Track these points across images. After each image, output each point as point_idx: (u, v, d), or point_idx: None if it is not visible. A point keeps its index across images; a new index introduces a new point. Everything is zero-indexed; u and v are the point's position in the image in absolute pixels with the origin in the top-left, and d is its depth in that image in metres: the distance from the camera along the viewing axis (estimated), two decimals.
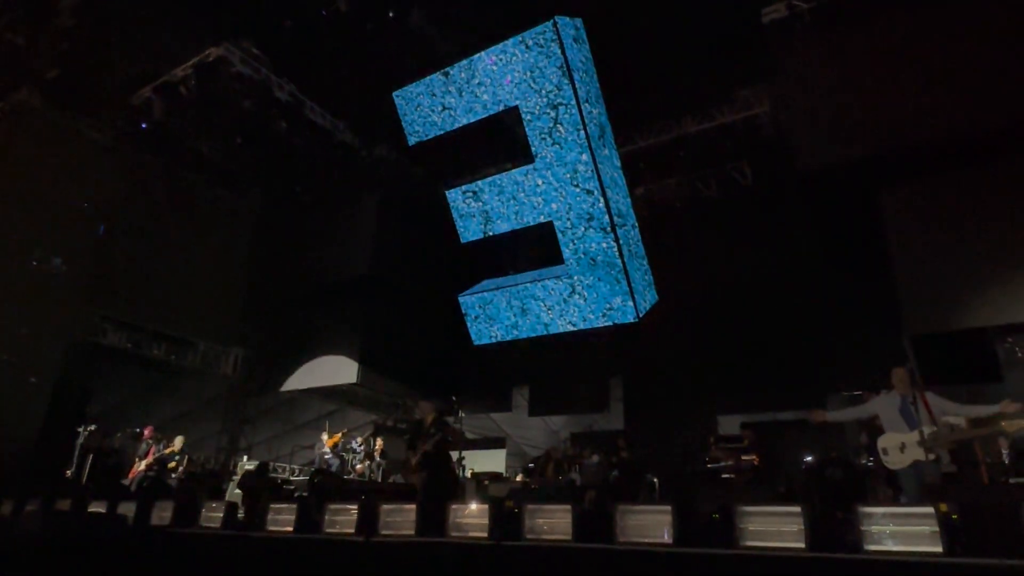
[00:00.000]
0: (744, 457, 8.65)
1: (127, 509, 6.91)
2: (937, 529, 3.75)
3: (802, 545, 4.05)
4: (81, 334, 11.29)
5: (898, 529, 3.90)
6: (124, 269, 11.77)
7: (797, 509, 4.20)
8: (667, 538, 4.50)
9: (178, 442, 10.10)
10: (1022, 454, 7.14)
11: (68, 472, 9.68)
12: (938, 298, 8.65)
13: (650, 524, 4.66)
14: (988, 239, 8.42)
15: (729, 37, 9.68)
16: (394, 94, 9.43)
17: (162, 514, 6.96)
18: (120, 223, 11.74)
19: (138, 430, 10.43)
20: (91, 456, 9.71)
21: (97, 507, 7.12)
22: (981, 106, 8.08)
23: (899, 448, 5.63)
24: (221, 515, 6.67)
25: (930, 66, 8.31)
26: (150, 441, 10.10)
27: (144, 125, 11.38)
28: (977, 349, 8.91)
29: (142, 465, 9.76)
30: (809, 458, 8.56)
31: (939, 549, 3.71)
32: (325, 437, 11.39)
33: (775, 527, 4.22)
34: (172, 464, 9.88)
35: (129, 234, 11.92)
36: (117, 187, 11.55)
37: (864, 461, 7.49)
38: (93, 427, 9.94)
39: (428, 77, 9.27)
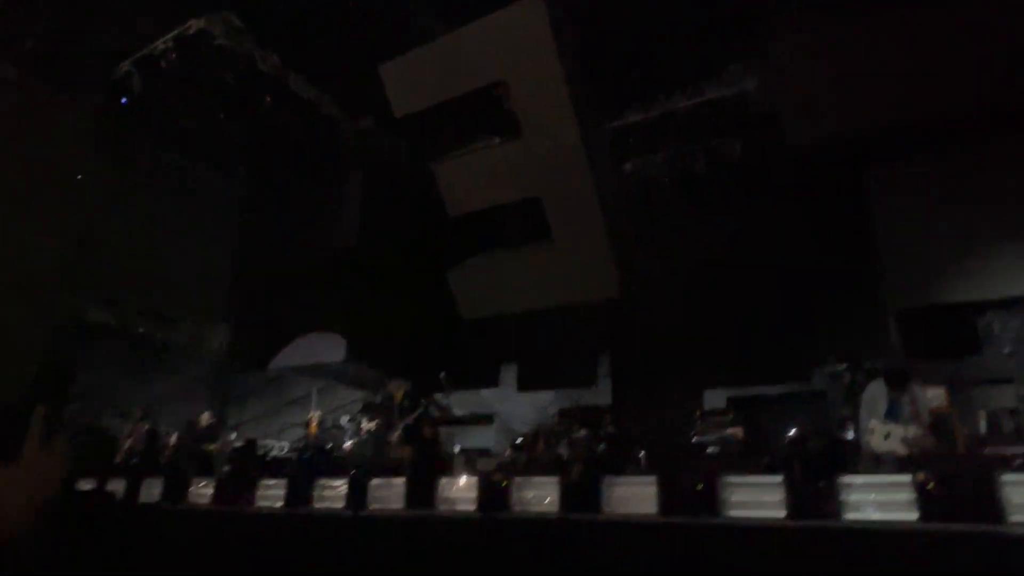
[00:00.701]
0: (729, 430, 8.76)
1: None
2: (914, 497, 3.85)
3: (783, 514, 4.16)
4: (64, 311, 11.17)
5: (877, 498, 4.00)
6: (108, 245, 11.61)
7: (779, 479, 4.30)
8: (652, 509, 4.60)
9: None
10: (997, 425, 7.29)
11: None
12: (920, 273, 8.76)
13: (636, 496, 4.75)
14: (969, 216, 8.53)
15: (720, 12, 9.59)
16: (380, 67, 9.29)
17: (151, 491, 6.99)
18: (103, 199, 11.55)
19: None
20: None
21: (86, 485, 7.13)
22: (967, 86, 8.12)
23: (884, 435, 5.86)
24: (210, 492, 6.72)
25: (919, 45, 8.30)
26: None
27: (124, 100, 11.14)
28: (957, 323, 9.06)
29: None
30: (793, 431, 8.69)
31: (915, 516, 3.82)
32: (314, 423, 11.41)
33: (758, 497, 4.32)
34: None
35: (112, 210, 11.73)
36: (99, 162, 11.35)
37: (846, 434, 7.62)
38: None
39: (415, 49, 9.14)
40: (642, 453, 8.78)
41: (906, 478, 3.95)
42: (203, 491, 6.83)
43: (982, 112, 8.28)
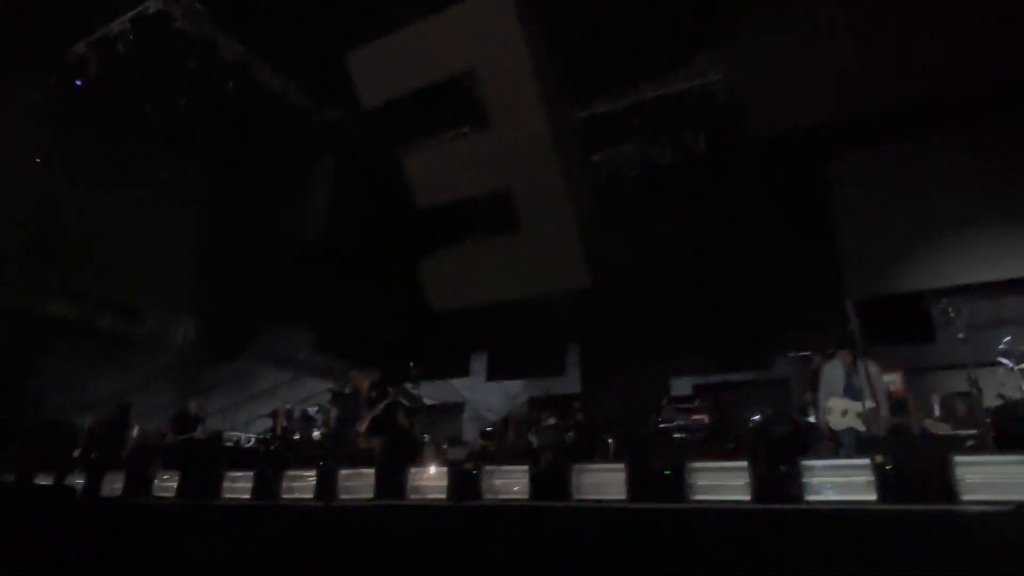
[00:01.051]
0: (695, 416, 8.94)
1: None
2: (872, 479, 3.99)
3: (748, 497, 4.27)
4: (23, 304, 10.81)
5: (836, 480, 4.13)
6: (66, 236, 11.25)
7: (743, 464, 4.41)
8: (621, 495, 4.67)
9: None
10: (951, 409, 7.58)
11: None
12: (878, 262, 9.01)
13: (605, 482, 4.82)
14: (925, 206, 8.79)
15: (686, 2, 9.66)
16: (347, 55, 9.14)
17: (113, 485, 6.85)
18: (60, 187, 11.17)
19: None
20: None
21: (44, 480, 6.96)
22: (926, 78, 8.33)
23: (841, 412, 6.08)
24: (175, 485, 6.61)
25: (881, 36, 8.48)
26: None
27: (79, 83, 10.77)
28: (913, 311, 9.36)
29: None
30: (757, 416, 8.91)
31: (874, 497, 3.96)
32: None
33: (723, 482, 4.42)
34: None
35: (71, 198, 11.35)
36: (55, 149, 10.97)
37: (808, 418, 7.84)
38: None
39: (383, 37, 9.00)
40: (610, 440, 8.92)
41: (864, 461, 4.09)
42: (167, 484, 6.72)
43: (940, 103, 8.52)
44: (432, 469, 5.52)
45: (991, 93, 8.20)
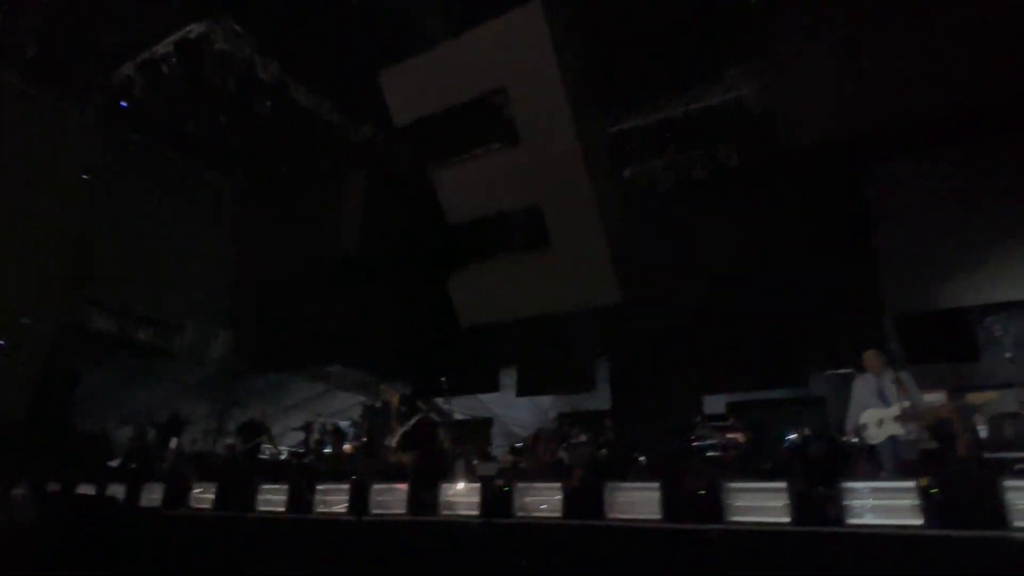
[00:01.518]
0: (730, 435, 8.78)
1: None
2: (918, 503, 3.87)
3: (787, 520, 4.16)
4: (67, 318, 11.16)
5: (879, 503, 4.01)
6: (109, 252, 11.61)
7: (782, 485, 4.31)
8: (656, 514, 4.60)
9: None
10: (999, 429, 7.32)
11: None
12: (919, 277, 8.78)
13: (638, 501, 4.76)
14: (968, 220, 8.55)
15: (717, 16, 9.63)
16: (380, 73, 9.31)
17: (151, 496, 6.99)
18: (105, 204, 11.55)
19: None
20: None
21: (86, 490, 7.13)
22: (967, 86, 8.14)
23: (877, 423, 5.87)
24: (212, 496, 6.71)
25: (917, 45, 8.33)
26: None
27: (125, 104, 11.16)
28: (956, 328, 9.08)
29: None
30: (793, 435, 8.72)
31: (919, 522, 3.83)
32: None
33: (760, 503, 4.33)
34: None
35: (114, 215, 11.73)
36: (100, 167, 11.36)
37: (846, 438, 7.64)
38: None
39: (415, 56, 9.15)
40: (643, 458, 8.81)
41: (910, 483, 3.96)
42: (204, 496, 6.82)
43: (981, 112, 8.31)
44: (464, 485, 5.52)
45: None
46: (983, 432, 7.46)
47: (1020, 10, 7.68)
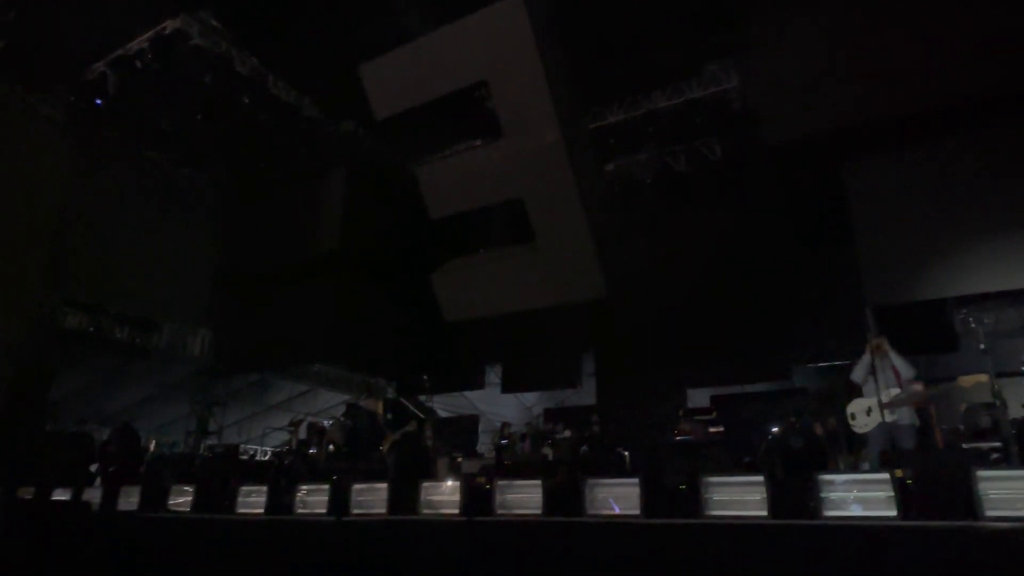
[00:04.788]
0: (712, 429, 8.82)
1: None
2: (893, 494, 3.88)
3: (764, 513, 4.17)
4: (41, 318, 10.97)
5: (856, 495, 4.02)
6: (84, 250, 11.42)
7: (760, 478, 4.31)
8: (635, 509, 4.59)
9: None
10: (976, 420, 7.39)
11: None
12: (898, 270, 8.84)
13: (619, 496, 4.74)
14: (946, 212, 8.61)
15: (698, 11, 9.64)
16: (360, 67, 9.21)
17: (129, 499, 6.88)
18: (79, 202, 11.35)
19: None
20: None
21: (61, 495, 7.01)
22: (943, 80, 8.20)
23: (866, 412, 5.88)
24: (190, 499, 6.62)
25: (896, 40, 8.38)
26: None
27: (99, 101, 10.96)
28: (935, 320, 9.17)
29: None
30: (775, 428, 8.76)
31: (894, 512, 3.85)
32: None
33: (739, 496, 4.32)
34: None
35: (88, 213, 11.54)
36: (74, 165, 11.16)
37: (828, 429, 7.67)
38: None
39: (395, 50, 9.06)
40: (626, 453, 8.82)
41: (884, 475, 3.97)
42: (182, 498, 6.74)
43: (958, 107, 8.37)
44: (446, 483, 5.48)
45: (1012, 96, 8.04)
46: (960, 421, 7.54)
47: (996, 6, 7.76)
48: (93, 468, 9.54)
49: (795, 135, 9.22)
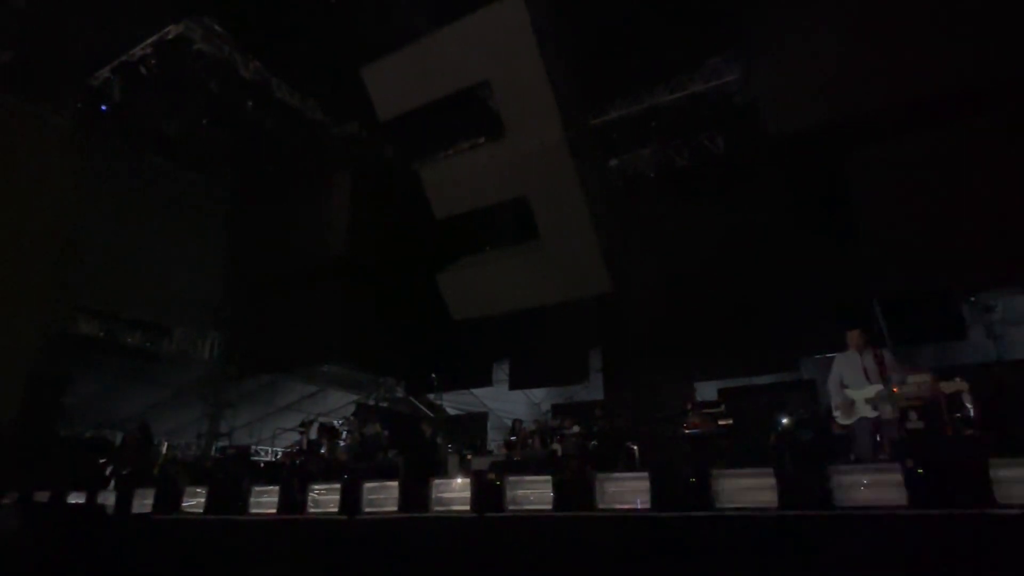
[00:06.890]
0: (721, 422, 8.82)
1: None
2: (902, 483, 3.89)
3: (774, 504, 4.18)
4: (54, 323, 11.06)
5: (866, 484, 4.03)
6: (94, 256, 11.50)
7: (769, 470, 4.32)
8: (645, 503, 4.61)
9: None
10: (988, 408, 7.35)
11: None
12: (904, 259, 8.80)
13: (628, 490, 4.76)
14: (951, 200, 8.56)
15: (699, 4, 9.62)
16: (362, 70, 9.25)
17: (143, 501, 6.95)
18: (88, 209, 11.43)
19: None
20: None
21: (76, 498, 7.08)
22: (946, 69, 8.16)
23: (850, 405, 5.86)
24: (203, 500, 6.68)
25: (896, 30, 8.35)
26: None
27: (104, 107, 11.05)
28: (942, 308, 9.13)
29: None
30: (784, 420, 8.76)
31: (904, 502, 3.85)
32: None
33: (748, 488, 4.34)
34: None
35: (98, 220, 11.62)
36: (82, 172, 11.24)
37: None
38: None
39: (397, 51, 9.09)
40: (635, 447, 8.84)
41: (894, 464, 3.98)
42: (195, 500, 6.80)
43: (961, 96, 8.33)
44: (456, 480, 5.51)
45: (1017, 84, 8.00)
46: (971, 410, 7.51)
47: None
48: (107, 471, 9.63)
49: (798, 127, 9.20)
